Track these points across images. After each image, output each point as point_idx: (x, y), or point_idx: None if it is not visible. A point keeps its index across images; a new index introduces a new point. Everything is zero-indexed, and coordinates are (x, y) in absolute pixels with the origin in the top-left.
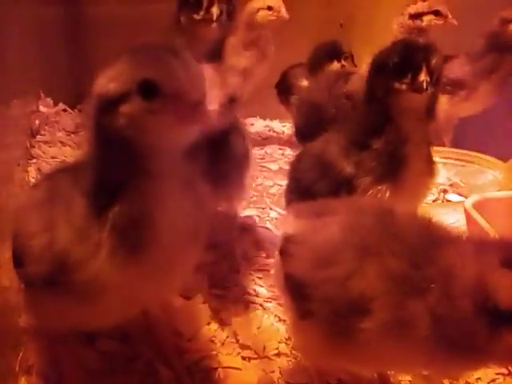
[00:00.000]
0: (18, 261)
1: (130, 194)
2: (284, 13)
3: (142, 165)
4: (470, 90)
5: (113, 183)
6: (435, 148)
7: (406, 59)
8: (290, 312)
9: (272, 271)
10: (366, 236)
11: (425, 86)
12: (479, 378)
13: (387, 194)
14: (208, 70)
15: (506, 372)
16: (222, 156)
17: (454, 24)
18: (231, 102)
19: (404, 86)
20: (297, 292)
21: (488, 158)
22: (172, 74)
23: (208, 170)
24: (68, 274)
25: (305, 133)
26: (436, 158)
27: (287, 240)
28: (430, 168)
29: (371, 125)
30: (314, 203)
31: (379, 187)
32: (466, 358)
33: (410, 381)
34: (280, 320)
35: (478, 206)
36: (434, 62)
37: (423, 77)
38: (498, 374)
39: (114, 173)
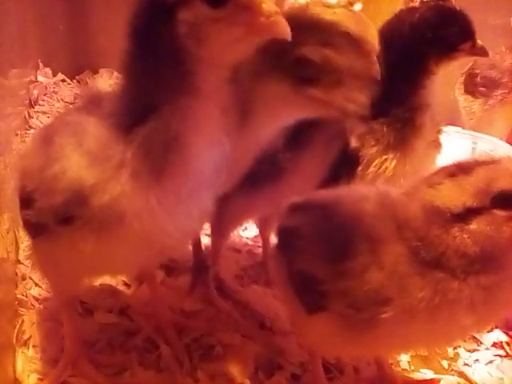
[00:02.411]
0: (27, 201)
1: (166, 112)
2: None
3: (188, 81)
4: (507, 90)
5: (150, 100)
6: None
7: (462, 25)
8: (296, 308)
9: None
10: (373, 223)
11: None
12: (477, 360)
13: (393, 164)
14: None
15: (503, 354)
16: None
17: None
18: None
19: (463, 53)
20: (305, 287)
21: None
22: None
23: None
24: (84, 202)
25: None
26: None
27: (290, 233)
28: (437, 139)
29: (390, 93)
30: (311, 193)
31: (385, 157)
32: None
33: (408, 361)
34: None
35: None
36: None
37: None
38: (495, 355)
39: (154, 88)
